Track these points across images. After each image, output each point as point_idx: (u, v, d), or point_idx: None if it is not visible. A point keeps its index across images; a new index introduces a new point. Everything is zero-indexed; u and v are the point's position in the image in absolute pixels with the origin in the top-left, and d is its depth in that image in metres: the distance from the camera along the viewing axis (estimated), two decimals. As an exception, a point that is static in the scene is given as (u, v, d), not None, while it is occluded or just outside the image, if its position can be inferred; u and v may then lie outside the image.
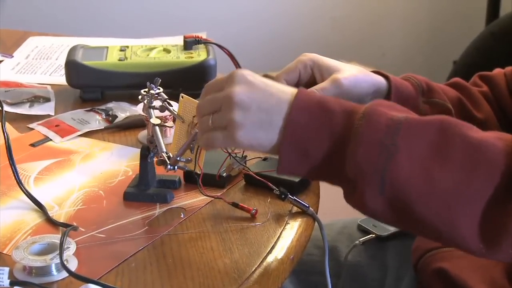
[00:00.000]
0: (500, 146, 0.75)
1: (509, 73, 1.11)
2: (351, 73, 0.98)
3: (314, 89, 0.96)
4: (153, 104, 0.93)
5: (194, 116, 0.88)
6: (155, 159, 0.92)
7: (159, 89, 0.93)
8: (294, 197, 0.90)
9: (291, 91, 0.80)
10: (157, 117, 0.93)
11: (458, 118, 1.04)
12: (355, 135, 0.76)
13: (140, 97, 0.94)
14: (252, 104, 0.78)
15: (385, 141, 0.75)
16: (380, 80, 1.01)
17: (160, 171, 0.93)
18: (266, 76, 0.96)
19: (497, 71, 1.14)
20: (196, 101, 0.88)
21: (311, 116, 0.78)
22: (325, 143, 0.78)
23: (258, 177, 0.91)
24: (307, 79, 1.00)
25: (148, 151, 0.92)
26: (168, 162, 0.89)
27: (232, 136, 0.79)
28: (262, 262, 0.81)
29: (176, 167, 0.89)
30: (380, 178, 0.75)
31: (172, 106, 0.91)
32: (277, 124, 0.79)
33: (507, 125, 1.09)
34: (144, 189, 0.93)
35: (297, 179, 0.93)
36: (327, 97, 0.80)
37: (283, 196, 0.90)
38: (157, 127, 0.91)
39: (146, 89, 0.93)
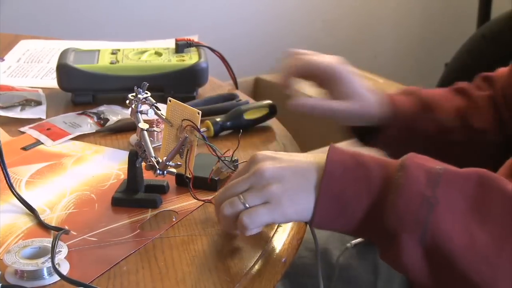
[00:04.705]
0: None
1: (504, 74, 1.12)
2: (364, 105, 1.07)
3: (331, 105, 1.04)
4: (140, 109, 0.92)
5: (183, 120, 0.88)
6: (143, 164, 0.92)
7: (146, 93, 0.93)
8: None
9: (318, 155, 0.80)
10: (146, 121, 0.92)
11: (459, 131, 1.08)
12: (395, 186, 0.76)
13: (127, 101, 0.93)
14: (286, 173, 0.78)
15: (426, 192, 0.75)
16: (382, 113, 1.08)
17: (148, 175, 0.93)
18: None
19: (500, 71, 1.15)
20: (184, 104, 0.88)
21: (346, 169, 0.78)
22: (363, 197, 0.77)
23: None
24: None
25: (136, 156, 0.92)
26: (158, 167, 0.89)
27: (278, 208, 0.78)
28: (254, 265, 0.81)
29: (165, 172, 0.89)
30: (421, 229, 0.74)
31: (160, 110, 0.91)
32: (314, 183, 0.78)
33: (504, 128, 1.09)
34: (132, 194, 0.93)
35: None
36: (359, 152, 0.80)
37: None
38: (145, 132, 0.91)
39: (134, 94, 0.93)
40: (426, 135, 1.09)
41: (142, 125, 0.91)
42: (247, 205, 0.78)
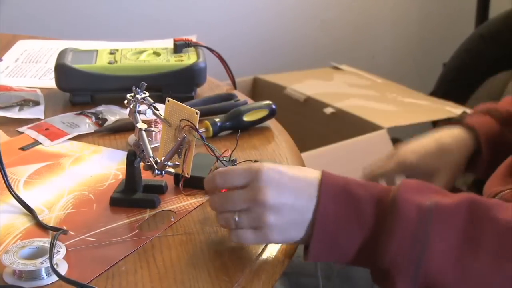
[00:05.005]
0: None
1: None
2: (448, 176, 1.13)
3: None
4: (139, 109, 0.92)
5: (181, 120, 0.87)
6: (142, 164, 0.92)
7: (144, 93, 0.92)
8: None
9: (316, 179, 0.80)
10: (144, 121, 0.92)
11: None
12: (389, 228, 0.76)
13: (125, 101, 0.93)
14: (284, 206, 0.78)
15: (418, 233, 0.76)
16: (470, 148, 1.13)
17: (146, 175, 0.93)
18: None
19: None
20: (183, 104, 0.88)
21: (338, 206, 0.78)
22: (355, 235, 0.78)
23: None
24: None
25: (134, 156, 0.92)
26: (156, 167, 0.89)
27: (266, 237, 0.79)
28: (252, 264, 0.81)
29: (163, 172, 0.89)
30: (414, 270, 0.75)
31: (158, 110, 0.91)
32: (308, 220, 0.79)
33: None
34: (131, 194, 0.93)
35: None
36: (351, 182, 0.80)
37: None
38: (143, 132, 0.91)
39: (132, 94, 0.93)
40: (509, 147, 1.12)
41: (140, 125, 0.91)
42: (237, 222, 0.79)
